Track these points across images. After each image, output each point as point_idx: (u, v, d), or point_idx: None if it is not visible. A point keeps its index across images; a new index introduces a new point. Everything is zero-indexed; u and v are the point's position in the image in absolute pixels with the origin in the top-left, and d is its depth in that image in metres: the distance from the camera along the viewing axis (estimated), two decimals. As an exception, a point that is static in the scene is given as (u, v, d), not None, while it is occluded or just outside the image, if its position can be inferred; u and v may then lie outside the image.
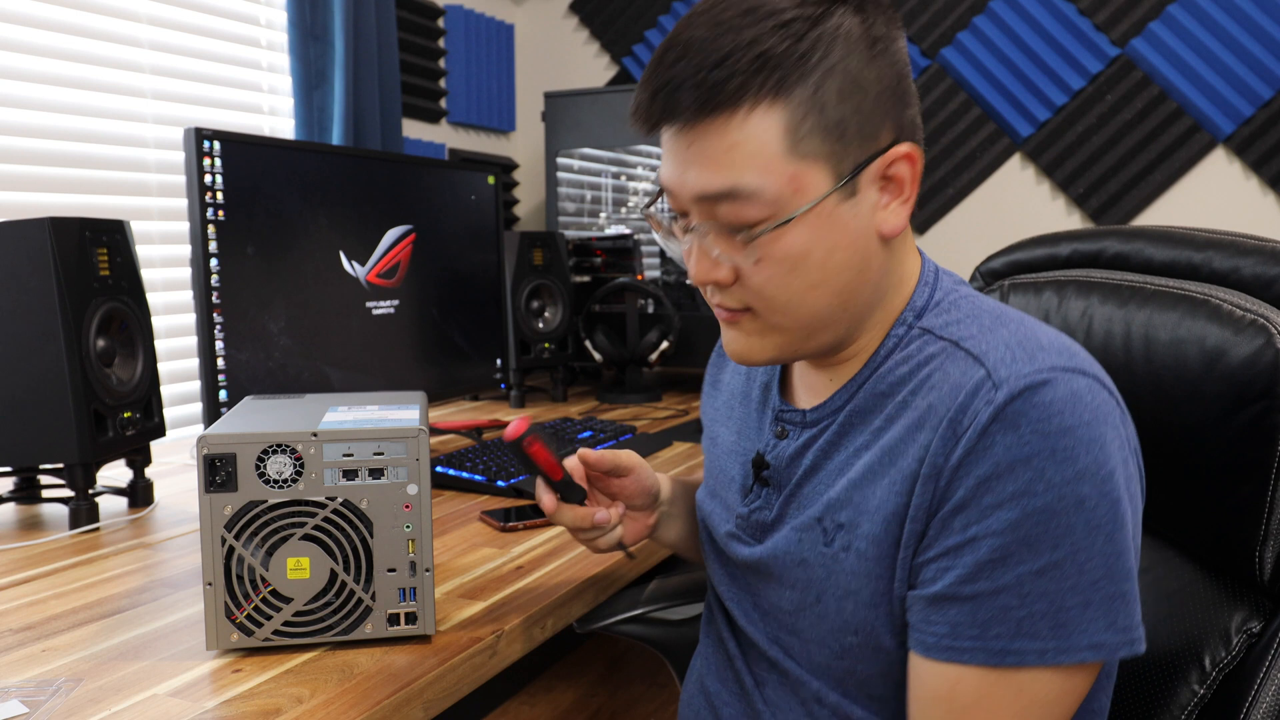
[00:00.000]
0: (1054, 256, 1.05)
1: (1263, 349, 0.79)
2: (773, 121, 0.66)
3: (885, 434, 0.73)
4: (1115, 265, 0.99)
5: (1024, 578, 0.64)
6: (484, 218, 1.79)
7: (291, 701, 0.74)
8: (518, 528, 1.19)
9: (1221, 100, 2.12)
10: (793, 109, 0.66)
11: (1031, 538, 0.64)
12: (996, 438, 0.65)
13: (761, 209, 0.68)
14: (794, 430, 0.81)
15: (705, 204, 0.70)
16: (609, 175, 2.37)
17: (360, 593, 0.83)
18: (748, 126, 0.67)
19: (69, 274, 1.17)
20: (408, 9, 2.38)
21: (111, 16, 1.69)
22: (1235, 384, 0.80)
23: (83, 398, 1.17)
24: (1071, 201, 2.29)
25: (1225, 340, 0.81)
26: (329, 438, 0.81)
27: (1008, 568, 0.65)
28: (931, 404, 0.70)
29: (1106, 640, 0.65)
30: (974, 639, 0.66)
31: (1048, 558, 0.64)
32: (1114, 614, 0.65)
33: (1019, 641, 0.65)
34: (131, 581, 1.02)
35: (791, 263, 0.69)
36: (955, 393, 0.69)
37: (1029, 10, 2.27)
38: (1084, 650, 0.64)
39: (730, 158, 0.67)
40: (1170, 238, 0.95)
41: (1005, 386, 0.66)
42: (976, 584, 0.66)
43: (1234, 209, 2.16)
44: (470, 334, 1.76)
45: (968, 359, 0.70)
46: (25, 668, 0.80)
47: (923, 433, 0.70)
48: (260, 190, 1.35)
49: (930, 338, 0.74)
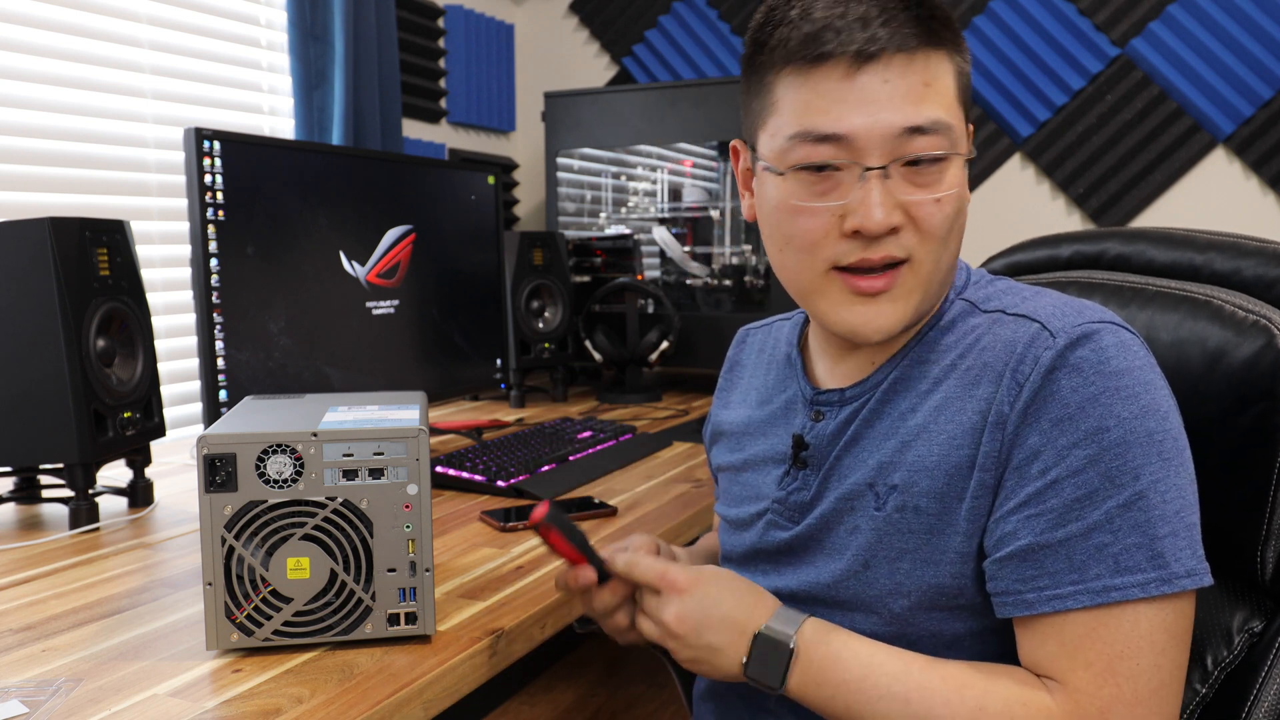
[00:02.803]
0: (1055, 258, 1.06)
1: (1264, 350, 0.80)
2: (953, 69, 0.75)
3: (932, 396, 0.77)
4: (1117, 267, 1.00)
5: (1112, 513, 0.67)
6: (484, 218, 1.79)
7: (291, 701, 0.74)
8: (518, 528, 1.19)
9: (1221, 100, 2.12)
10: (959, 64, 0.76)
11: (1112, 471, 0.67)
12: (1062, 382, 0.69)
13: (952, 144, 0.73)
14: (830, 410, 0.83)
15: (903, 140, 0.72)
16: (609, 175, 2.37)
17: (360, 593, 0.83)
18: (945, 67, 0.74)
19: (69, 274, 1.17)
20: (408, 9, 2.38)
21: (111, 16, 1.69)
22: (1237, 384, 0.81)
23: (83, 398, 1.17)
24: (1071, 201, 2.29)
25: (1227, 341, 0.82)
26: (329, 438, 0.81)
27: (1095, 504, 0.67)
28: (986, 362, 0.74)
29: (1197, 568, 0.67)
30: (1074, 583, 0.67)
31: (1131, 489, 0.67)
32: (1195, 544, 0.68)
33: (1120, 577, 0.66)
34: (131, 581, 1.02)
35: (960, 202, 0.75)
36: (1011, 347, 0.73)
37: (1029, 10, 2.27)
38: (1183, 578, 0.66)
39: (929, 93, 0.72)
40: (1171, 239, 0.95)
41: (1062, 335, 0.71)
42: (1067, 527, 0.68)
43: (1234, 209, 2.16)
44: (470, 334, 1.76)
45: (1018, 320, 0.75)
46: (25, 668, 0.80)
47: (981, 387, 0.74)
48: (260, 190, 1.34)
49: (973, 309, 0.79)
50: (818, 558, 0.82)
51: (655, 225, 2.29)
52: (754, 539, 0.88)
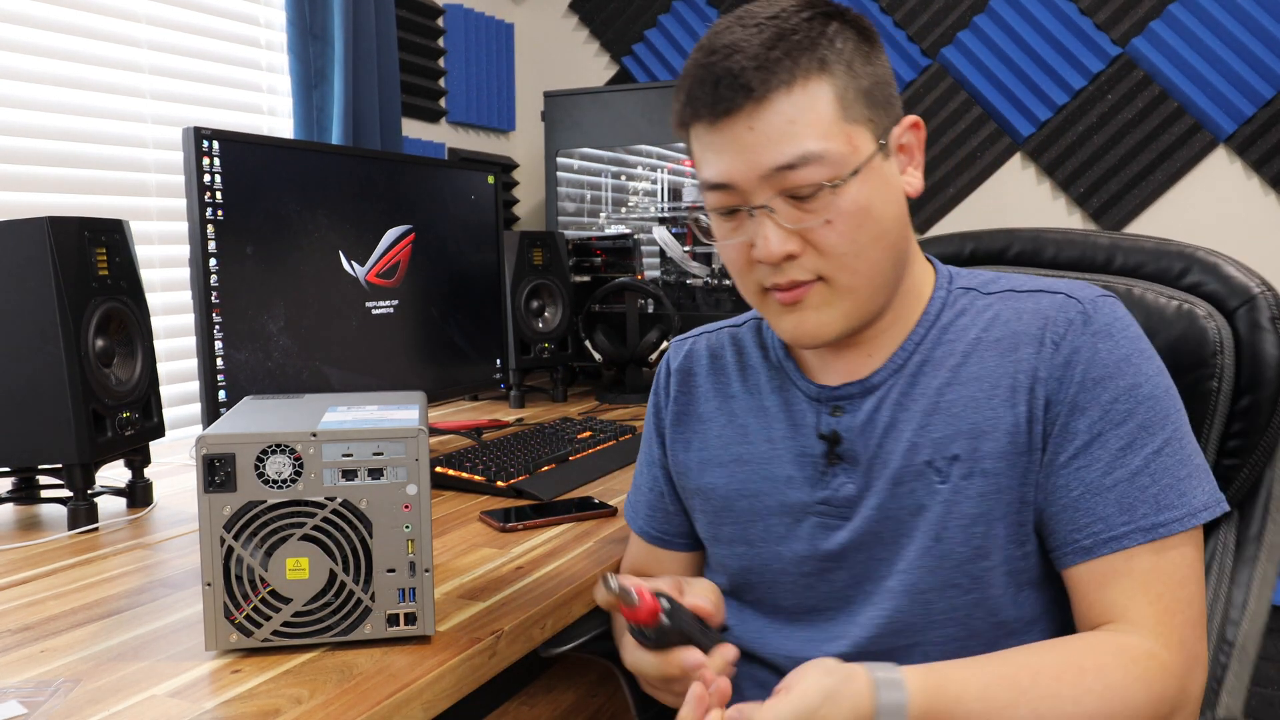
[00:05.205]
0: (958, 254, 1.15)
1: (1191, 328, 0.95)
2: (824, 91, 0.77)
3: (966, 368, 0.82)
4: (1021, 261, 1.10)
5: (1149, 458, 0.76)
6: (484, 217, 1.79)
7: (291, 702, 0.74)
8: (518, 528, 1.19)
9: (1223, 100, 2.12)
10: (836, 79, 0.77)
11: (1148, 422, 0.77)
12: (1099, 345, 0.78)
13: (829, 170, 0.77)
14: (853, 402, 0.86)
15: (775, 178, 0.77)
16: (609, 175, 2.37)
17: (359, 593, 0.82)
18: (806, 98, 0.76)
19: (68, 274, 1.17)
20: (407, 8, 2.38)
21: (111, 16, 1.69)
22: (1171, 358, 0.91)
23: (81, 398, 1.17)
24: (1072, 201, 2.29)
25: (1153, 324, 0.96)
26: (328, 438, 0.81)
27: (1135, 452, 0.76)
28: (1016, 330, 0.81)
29: (1209, 501, 0.77)
30: (1125, 523, 0.75)
31: (1161, 436, 0.77)
32: (1204, 480, 0.78)
33: (1163, 514, 0.75)
34: (130, 582, 1.02)
35: (859, 217, 0.78)
36: (1039, 314, 0.81)
37: (1030, 9, 2.27)
38: (1202, 512, 0.76)
39: (794, 128, 0.76)
40: (1072, 240, 1.08)
41: (1086, 303, 0.80)
42: (1114, 474, 0.76)
43: (1235, 209, 2.15)
44: (470, 334, 1.76)
45: (1034, 294, 0.83)
46: (24, 668, 0.80)
47: (1019, 352, 0.80)
48: (259, 190, 1.34)
49: (976, 294, 0.86)
50: (880, 551, 0.83)
51: (655, 225, 2.29)
52: (803, 546, 0.87)
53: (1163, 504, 0.75)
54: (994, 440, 0.79)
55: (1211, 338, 0.94)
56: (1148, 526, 0.75)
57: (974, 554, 0.80)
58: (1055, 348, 0.79)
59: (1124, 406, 0.77)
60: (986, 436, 0.79)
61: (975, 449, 0.80)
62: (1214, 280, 0.97)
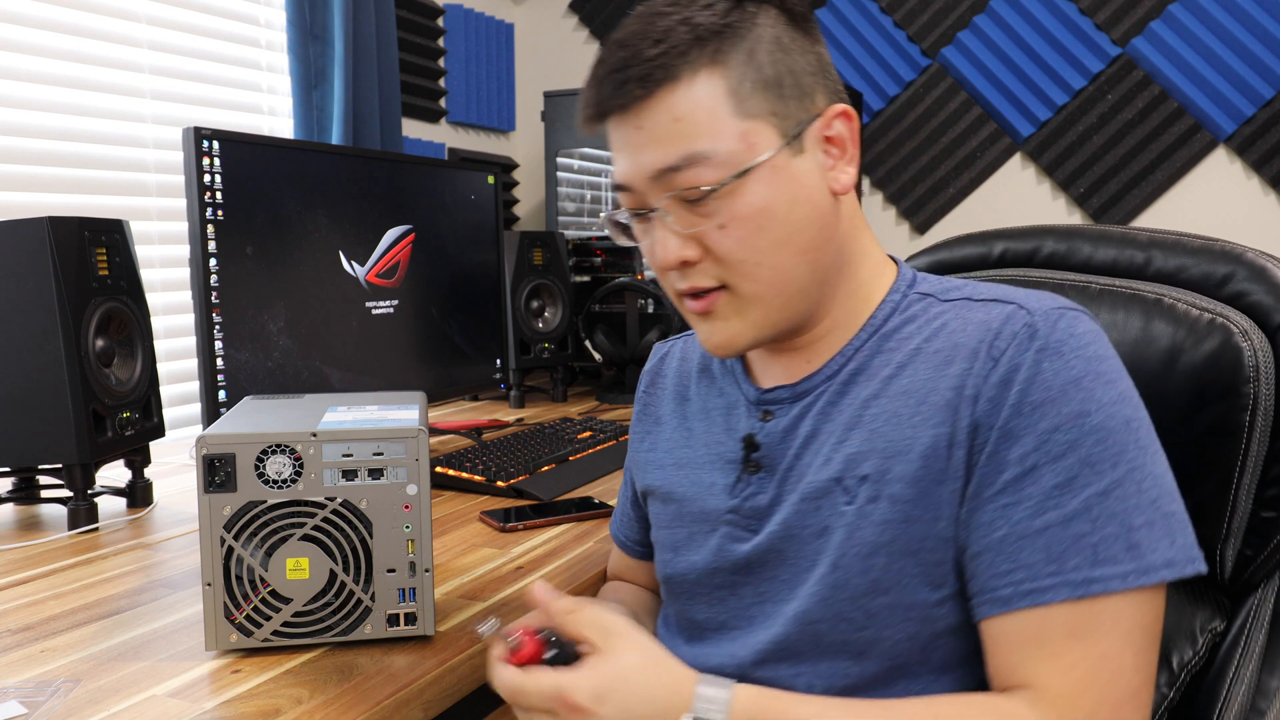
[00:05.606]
0: (986, 256, 1.03)
1: (1223, 348, 0.79)
2: (715, 85, 0.70)
3: (897, 380, 0.73)
4: (1052, 264, 0.97)
5: (1091, 501, 0.64)
6: (484, 217, 1.79)
7: (291, 702, 0.74)
8: (517, 528, 1.19)
9: (1223, 100, 2.12)
10: (731, 71, 0.70)
11: (1093, 458, 0.64)
12: (1043, 364, 0.66)
13: (719, 170, 0.70)
14: (780, 408, 0.79)
15: (663, 180, 0.71)
16: (609, 175, 2.37)
17: (360, 593, 0.82)
18: (693, 94, 0.70)
19: (68, 274, 1.17)
20: (407, 8, 2.38)
21: (110, 16, 1.69)
22: (1196, 384, 0.80)
23: (81, 398, 1.17)
24: (1072, 201, 2.29)
25: (1183, 340, 0.81)
26: (328, 438, 0.81)
27: (1073, 492, 0.64)
28: (958, 342, 0.71)
29: (1174, 557, 0.64)
30: (1052, 575, 0.64)
31: (1110, 477, 0.64)
32: (1173, 532, 0.65)
33: (1100, 568, 0.63)
34: (130, 582, 1.02)
35: (756, 220, 0.71)
36: (985, 326, 0.70)
37: (1030, 9, 2.27)
38: (1161, 569, 0.64)
39: (681, 126, 0.70)
40: (1109, 237, 0.94)
41: (1040, 315, 0.69)
42: (1045, 515, 0.65)
43: (1235, 209, 2.16)
44: (470, 334, 1.76)
45: (988, 304, 0.73)
46: (24, 668, 0.80)
47: (954, 365, 0.70)
48: (259, 190, 1.34)
49: (933, 300, 0.76)
50: (783, 571, 0.75)
51: (655, 225, 2.28)
52: (710, 556, 0.80)
53: (1102, 556, 0.63)
54: (906, 463, 0.69)
55: (1246, 360, 0.78)
56: (1077, 581, 0.63)
57: (871, 588, 0.70)
58: (993, 364, 0.68)
59: (1065, 437, 0.65)
60: (900, 458, 0.70)
61: (885, 470, 0.70)
62: (1261, 289, 0.80)
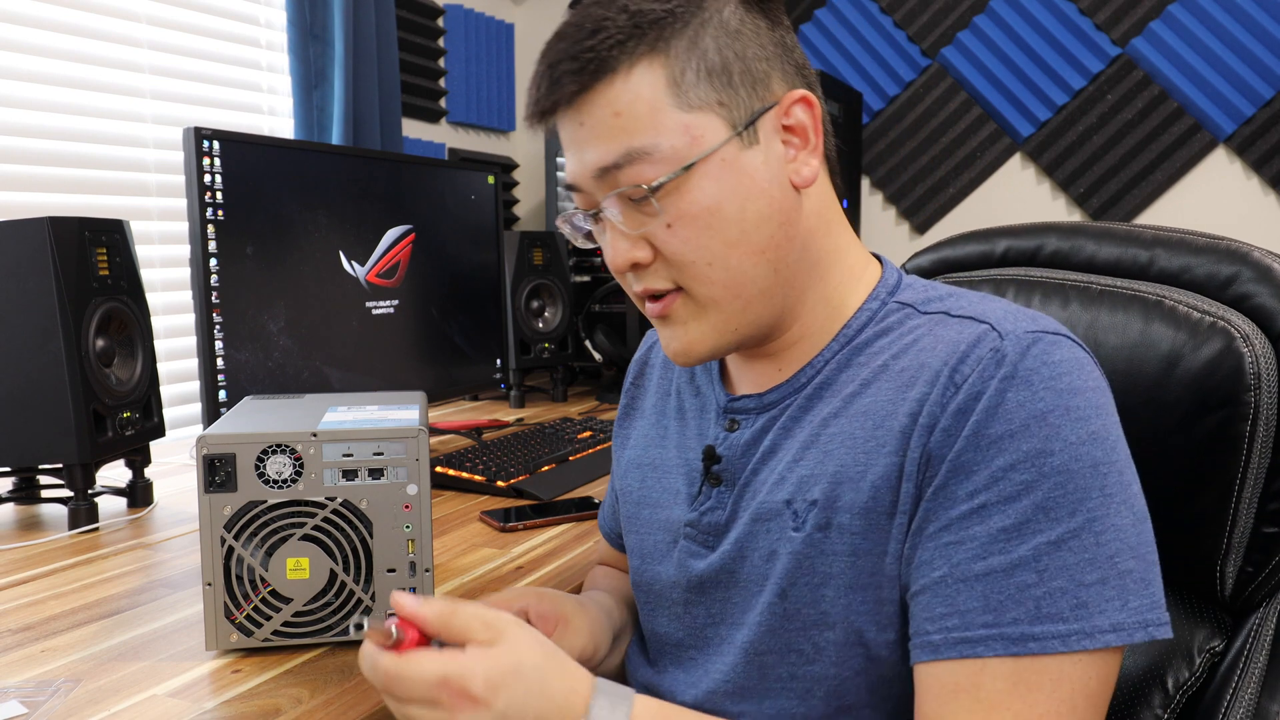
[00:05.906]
0: (988, 254, 0.99)
1: (1224, 353, 0.75)
2: (655, 77, 0.65)
3: (860, 398, 0.68)
4: (1054, 263, 0.93)
5: (1041, 550, 0.58)
6: (484, 217, 1.79)
7: (291, 702, 0.74)
8: (518, 528, 1.19)
9: (1222, 100, 2.12)
10: (672, 61, 0.66)
11: (1049, 503, 0.59)
12: (1008, 394, 0.60)
13: (661, 167, 0.66)
14: (747, 419, 0.75)
15: (607, 179, 0.68)
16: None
17: (360, 593, 0.82)
18: (631, 86, 0.66)
19: (68, 274, 1.17)
20: (408, 8, 2.38)
21: (111, 16, 1.69)
22: (1197, 391, 0.76)
23: (82, 398, 1.17)
24: (1072, 201, 2.29)
25: (1184, 344, 0.77)
26: (329, 438, 0.81)
27: (1023, 539, 0.59)
28: (923, 362, 0.65)
29: (1124, 621, 0.58)
30: (987, 626, 0.59)
31: (1065, 525, 0.58)
32: (1127, 593, 0.59)
33: (1040, 624, 0.58)
34: (131, 582, 1.02)
35: (704, 219, 0.67)
36: (953, 347, 0.64)
37: (1030, 10, 2.27)
38: (1108, 633, 0.58)
39: (620, 122, 0.66)
40: (1113, 235, 0.90)
41: (1011, 339, 0.62)
42: (988, 560, 0.59)
43: (1235, 209, 2.16)
44: (470, 334, 1.76)
45: (963, 321, 0.67)
46: (24, 668, 0.80)
47: (914, 389, 0.65)
48: (260, 190, 1.34)
49: (911, 311, 0.71)
50: (735, 593, 0.72)
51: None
52: (674, 570, 0.77)
53: (1044, 612, 0.57)
54: (856, 491, 0.65)
55: (1247, 367, 0.74)
56: (1014, 636, 0.58)
57: (820, 620, 0.66)
58: (954, 390, 0.62)
59: (1022, 477, 0.59)
60: (849, 485, 0.65)
61: (835, 497, 0.66)
62: (1267, 290, 0.76)
